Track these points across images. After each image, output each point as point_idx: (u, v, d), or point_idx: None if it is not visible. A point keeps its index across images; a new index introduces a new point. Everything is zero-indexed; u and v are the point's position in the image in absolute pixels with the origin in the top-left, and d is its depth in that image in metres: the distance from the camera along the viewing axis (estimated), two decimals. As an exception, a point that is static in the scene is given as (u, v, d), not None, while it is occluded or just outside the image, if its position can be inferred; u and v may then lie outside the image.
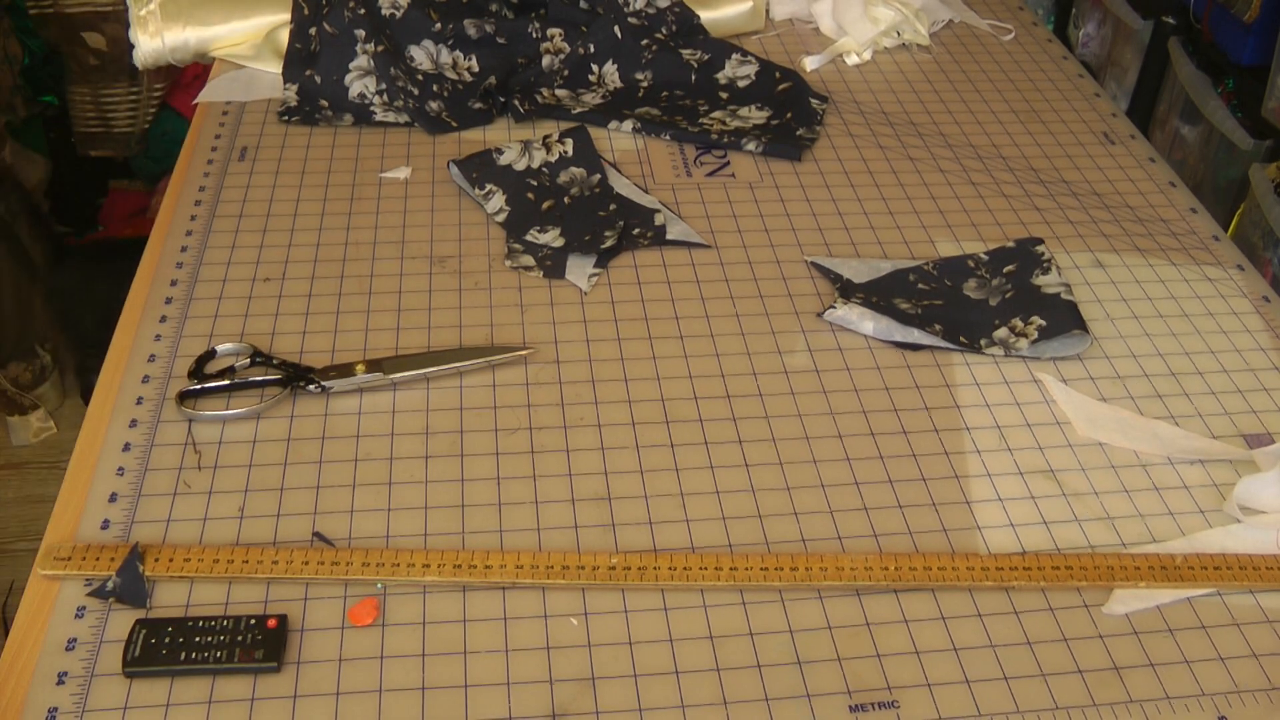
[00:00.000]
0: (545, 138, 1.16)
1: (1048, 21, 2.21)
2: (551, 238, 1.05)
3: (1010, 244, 1.07)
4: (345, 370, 0.90)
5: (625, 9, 1.31)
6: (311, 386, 0.89)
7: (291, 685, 0.71)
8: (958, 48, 1.41)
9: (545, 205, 1.09)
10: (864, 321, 0.97)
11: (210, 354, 0.92)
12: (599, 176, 1.13)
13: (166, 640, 0.71)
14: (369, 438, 0.87)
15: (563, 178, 1.12)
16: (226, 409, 0.88)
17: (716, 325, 0.98)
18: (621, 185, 1.13)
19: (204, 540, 0.79)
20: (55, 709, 0.69)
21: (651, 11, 1.32)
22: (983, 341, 0.97)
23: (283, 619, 0.73)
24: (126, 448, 0.85)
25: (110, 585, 0.75)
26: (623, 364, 0.94)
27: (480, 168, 1.12)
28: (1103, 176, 1.19)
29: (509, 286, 1.01)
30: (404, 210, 1.09)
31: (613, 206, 1.09)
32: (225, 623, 0.73)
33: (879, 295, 1.00)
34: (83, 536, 0.79)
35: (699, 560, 0.78)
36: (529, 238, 1.05)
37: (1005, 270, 1.03)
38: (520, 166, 1.12)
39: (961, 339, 0.97)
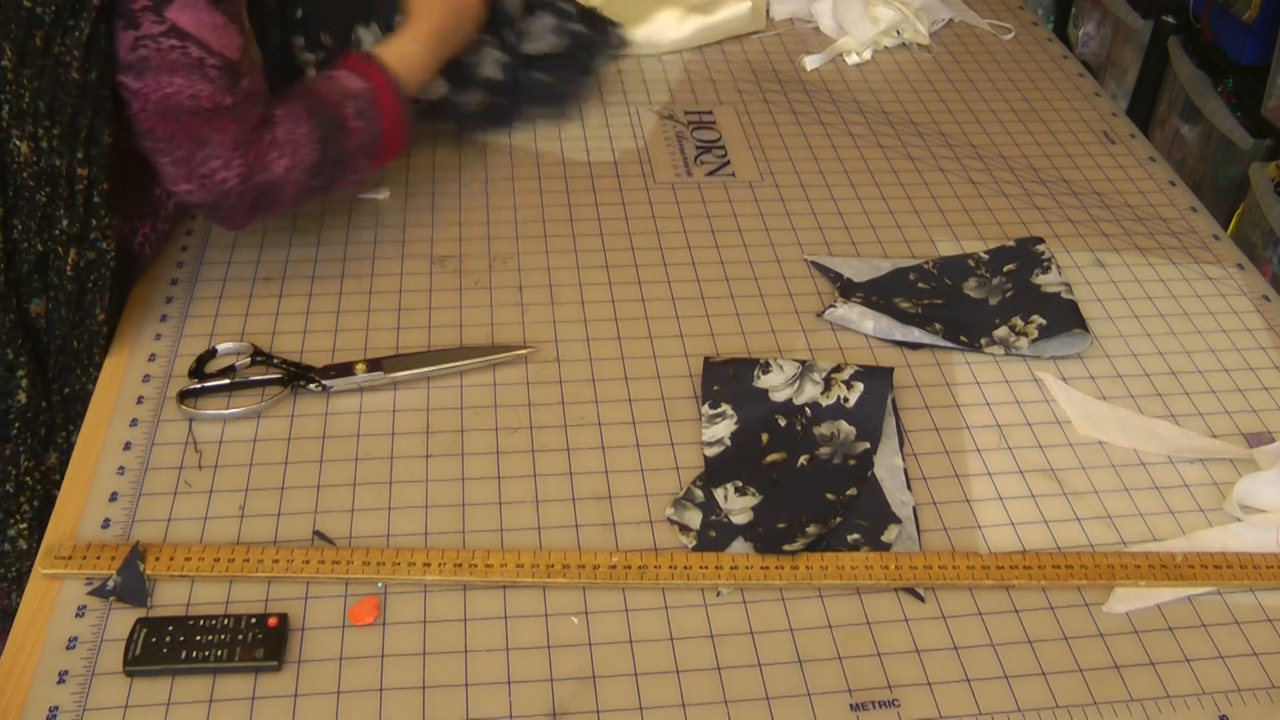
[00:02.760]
0: (834, 370, 0.91)
1: (1048, 21, 2.22)
2: (740, 506, 0.82)
3: (1010, 243, 1.07)
4: (345, 369, 0.90)
5: None
6: (312, 385, 0.89)
7: (292, 684, 0.71)
8: (958, 47, 1.42)
9: (770, 458, 0.85)
10: (864, 320, 0.97)
11: (211, 353, 0.92)
12: (867, 448, 0.86)
13: (167, 639, 0.72)
14: (369, 437, 0.87)
15: (823, 428, 0.87)
16: (227, 408, 0.88)
17: (717, 325, 0.98)
18: (887, 467, 0.86)
19: (205, 539, 0.79)
20: (56, 708, 0.69)
21: None
22: (983, 340, 0.97)
23: (283, 618, 0.73)
24: (127, 447, 0.85)
25: (111, 584, 0.75)
26: (623, 364, 0.94)
27: (726, 382, 0.90)
28: (1103, 176, 1.19)
29: (509, 286, 1.01)
30: (404, 209, 1.09)
31: (852, 491, 0.83)
32: (226, 621, 0.73)
33: (879, 294, 1.00)
34: (83, 535, 0.79)
35: (699, 559, 0.78)
36: (717, 493, 0.83)
37: (1005, 269, 1.03)
38: (780, 396, 0.89)
39: (962, 338, 0.97)
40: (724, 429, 0.87)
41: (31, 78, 0.81)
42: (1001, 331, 0.97)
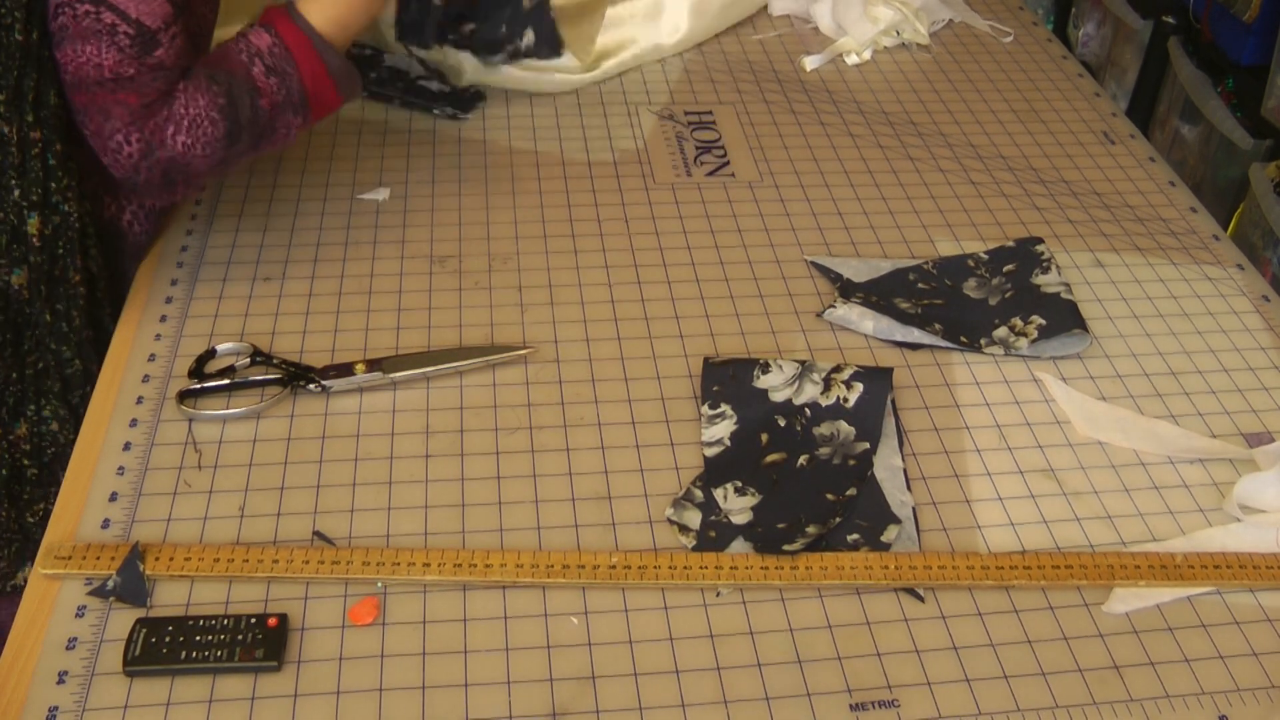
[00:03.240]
0: (834, 370, 0.91)
1: (1048, 21, 2.22)
2: (740, 506, 0.82)
3: (1010, 243, 1.07)
4: (345, 370, 0.90)
5: None
6: (311, 386, 0.89)
7: (292, 684, 0.71)
8: (958, 48, 1.41)
9: (769, 459, 0.86)
10: (864, 321, 0.97)
11: (210, 353, 0.92)
12: (866, 449, 0.86)
13: (167, 639, 0.72)
14: (369, 437, 0.87)
15: (822, 428, 0.88)
16: (227, 408, 0.88)
17: (717, 325, 0.98)
18: (886, 467, 0.86)
19: (204, 539, 0.79)
20: (56, 708, 0.69)
21: None
22: (983, 341, 0.97)
23: (283, 618, 0.73)
24: (127, 447, 0.85)
25: (111, 584, 0.75)
26: (623, 364, 0.94)
27: (726, 382, 0.90)
28: (1103, 176, 1.19)
29: (509, 286, 1.01)
30: (404, 210, 1.09)
31: (851, 491, 0.83)
32: (225, 622, 0.73)
33: (879, 295, 1.00)
34: (83, 536, 0.79)
35: (699, 559, 0.78)
36: (717, 493, 0.83)
37: (1005, 270, 1.03)
38: (779, 396, 0.89)
39: (961, 338, 0.97)
40: (724, 429, 0.87)
41: None
42: (1001, 332, 0.97)
